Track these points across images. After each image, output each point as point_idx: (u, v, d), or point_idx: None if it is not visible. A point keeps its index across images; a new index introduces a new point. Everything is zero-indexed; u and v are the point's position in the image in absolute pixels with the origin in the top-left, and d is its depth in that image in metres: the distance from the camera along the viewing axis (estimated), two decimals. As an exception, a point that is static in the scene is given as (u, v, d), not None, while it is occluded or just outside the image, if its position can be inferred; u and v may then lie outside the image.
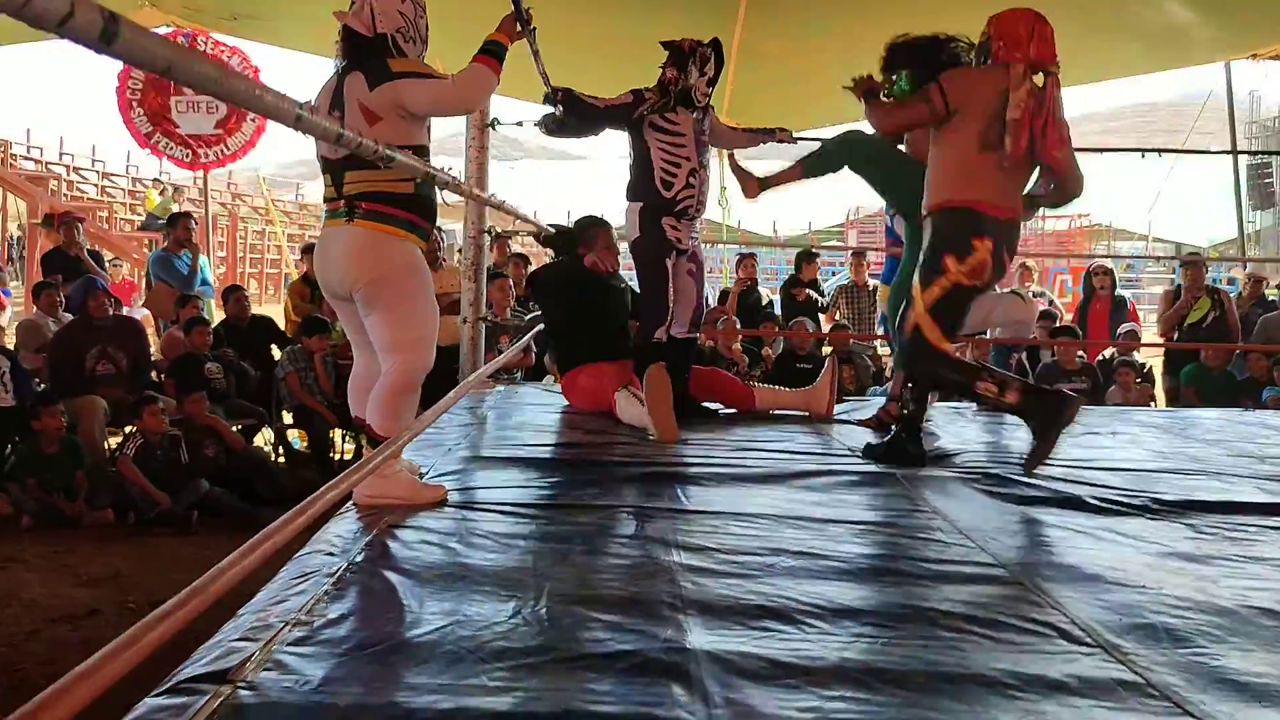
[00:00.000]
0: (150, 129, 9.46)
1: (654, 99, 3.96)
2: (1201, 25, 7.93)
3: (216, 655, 1.69)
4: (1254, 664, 1.82)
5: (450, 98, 2.73)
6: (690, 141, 4.01)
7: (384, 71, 2.69)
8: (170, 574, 4.37)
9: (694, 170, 4.01)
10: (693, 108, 4.02)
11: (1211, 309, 7.16)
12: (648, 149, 4.00)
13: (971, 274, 3.27)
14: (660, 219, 3.99)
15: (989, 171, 3.23)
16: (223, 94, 1.03)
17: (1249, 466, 3.63)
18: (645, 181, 4.02)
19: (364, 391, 2.87)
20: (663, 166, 3.98)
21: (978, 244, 3.24)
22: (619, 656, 1.75)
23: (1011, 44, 3.25)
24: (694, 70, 3.98)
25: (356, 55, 2.75)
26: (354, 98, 2.70)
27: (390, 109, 2.68)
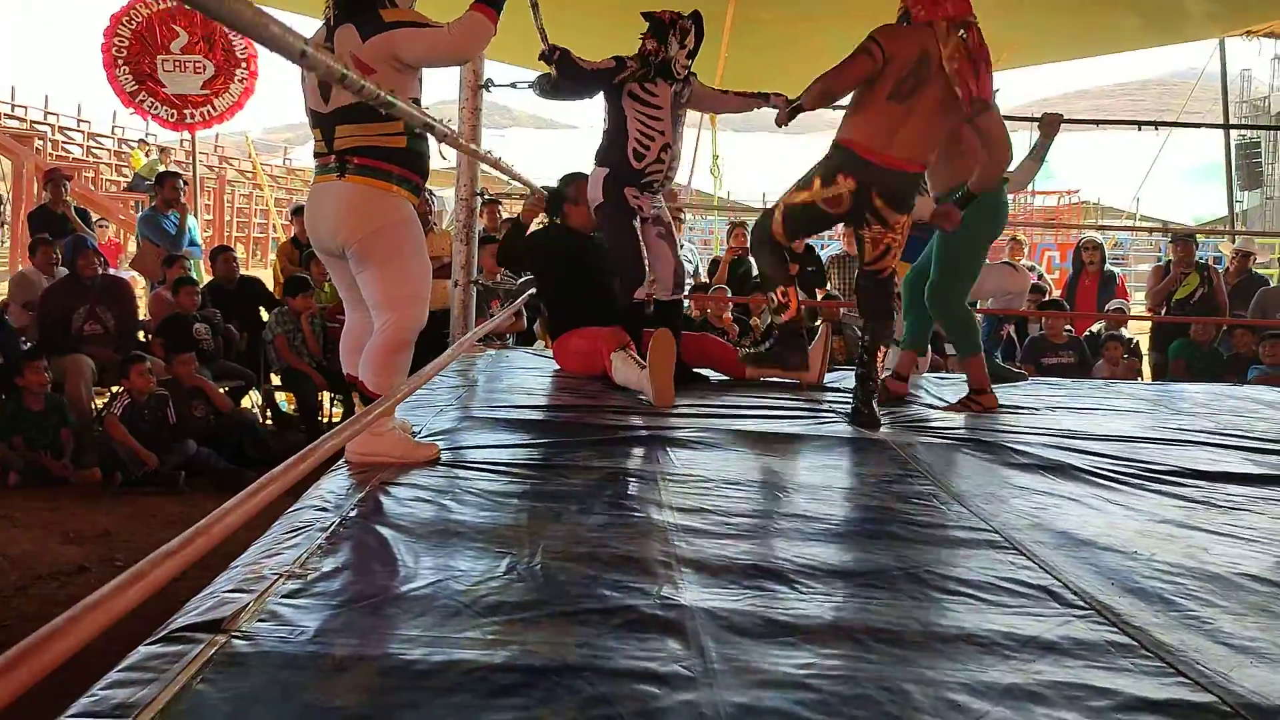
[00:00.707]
0: (136, 88, 9.31)
1: (635, 67, 3.97)
2: (1198, 0, 7.90)
3: (210, 605, 1.68)
4: (1245, 627, 1.83)
5: (446, 46, 2.67)
6: (667, 115, 4.06)
7: (377, 22, 2.64)
8: (159, 532, 4.36)
9: (666, 145, 4.08)
10: (672, 80, 4.03)
11: (1200, 285, 7.17)
12: (624, 118, 4.04)
13: (827, 202, 3.55)
14: (623, 187, 4.04)
15: (887, 118, 3.42)
16: (226, 18, 1.00)
17: (1238, 439, 3.64)
18: (618, 150, 4.07)
19: (356, 350, 2.85)
20: (637, 137, 4.03)
21: (841, 179, 3.49)
22: (614, 612, 1.75)
23: (929, 5, 3.42)
24: (674, 42, 4.00)
25: (349, 7, 2.69)
26: (346, 51, 2.65)
27: (384, 60, 2.63)
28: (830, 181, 3.51)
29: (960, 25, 3.40)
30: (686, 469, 2.81)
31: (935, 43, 3.38)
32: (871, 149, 3.43)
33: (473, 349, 4.90)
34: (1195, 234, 9.17)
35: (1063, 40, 9.37)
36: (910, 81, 3.37)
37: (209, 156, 20.72)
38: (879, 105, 3.41)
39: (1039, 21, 8.25)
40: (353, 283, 2.83)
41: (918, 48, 3.38)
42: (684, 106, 4.16)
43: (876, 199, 3.48)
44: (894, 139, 3.42)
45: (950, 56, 3.36)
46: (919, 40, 3.39)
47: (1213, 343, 6.93)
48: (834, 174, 3.50)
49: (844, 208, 3.54)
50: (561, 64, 3.94)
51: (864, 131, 3.46)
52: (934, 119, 3.45)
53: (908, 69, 3.37)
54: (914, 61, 3.37)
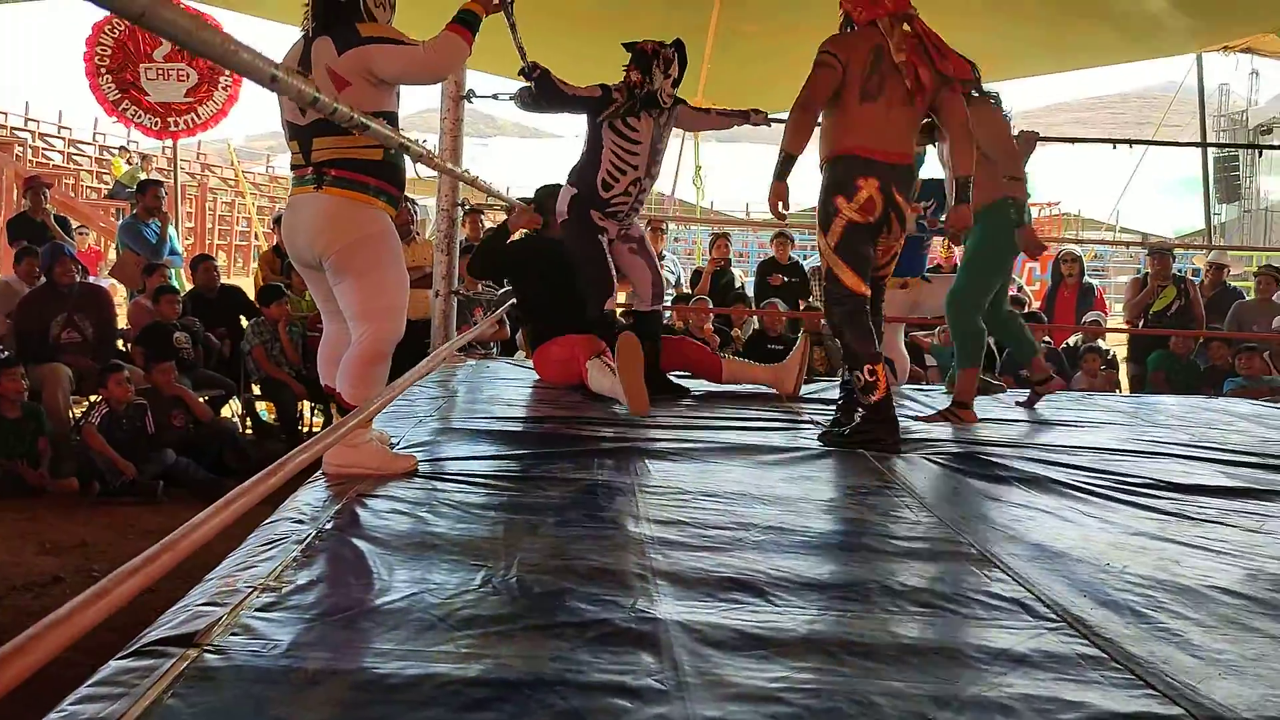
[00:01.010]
0: (118, 96, 9.27)
1: (620, 101, 4.01)
2: (1175, 15, 7.99)
3: (183, 619, 1.67)
4: (1215, 640, 1.85)
5: (420, 65, 2.68)
6: (644, 150, 4.11)
7: (353, 36, 2.65)
8: (136, 543, 4.33)
9: (636, 180, 4.14)
10: (656, 109, 4.06)
11: (1177, 298, 7.24)
12: (601, 146, 4.08)
13: (862, 210, 3.43)
14: (588, 210, 4.10)
15: (869, 119, 3.43)
16: (195, 46, 1.00)
17: (1212, 451, 3.68)
18: (589, 174, 4.14)
19: (333, 361, 2.85)
20: (609, 169, 4.09)
21: (862, 183, 3.42)
22: (589, 625, 1.75)
23: (867, 6, 3.47)
24: (658, 73, 4.04)
25: (326, 20, 2.70)
26: (322, 63, 2.66)
27: (359, 74, 2.64)
28: (853, 190, 3.44)
29: (902, 18, 3.45)
30: (664, 481, 2.82)
31: (883, 38, 3.43)
32: (872, 148, 3.44)
33: (453, 359, 4.90)
34: (1172, 247, 9.24)
35: (1042, 54, 9.45)
36: (875, 79, 3.41)
37: (190, 164, 20.65)
38: (855, 110, 3.43)
39: (1018, 35, 8.33)
40: (330, 294, 2.82)
41: (869, 46, 3.43)
42: (668, 135, 4.22)
43: (898, 195, 3.48)
44: (884, 135, 3.45)
45: (897, 48, 3.40)
46: (868, 39, 3.44)
47: (1191, 355, 6.99)
48: (852, 181, 3.44)
49: (877, 212, 3.46)
50: (541, 83, 3.98)
51: (855, 136, 3.45)
52: (906, 109, 3.48)
53: (867, 68, 3.41)
54: (870, 60, 3.42)
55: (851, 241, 3.47)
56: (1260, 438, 4.03)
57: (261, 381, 6.51)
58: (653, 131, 4.11)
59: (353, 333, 2.75)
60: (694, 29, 7.79)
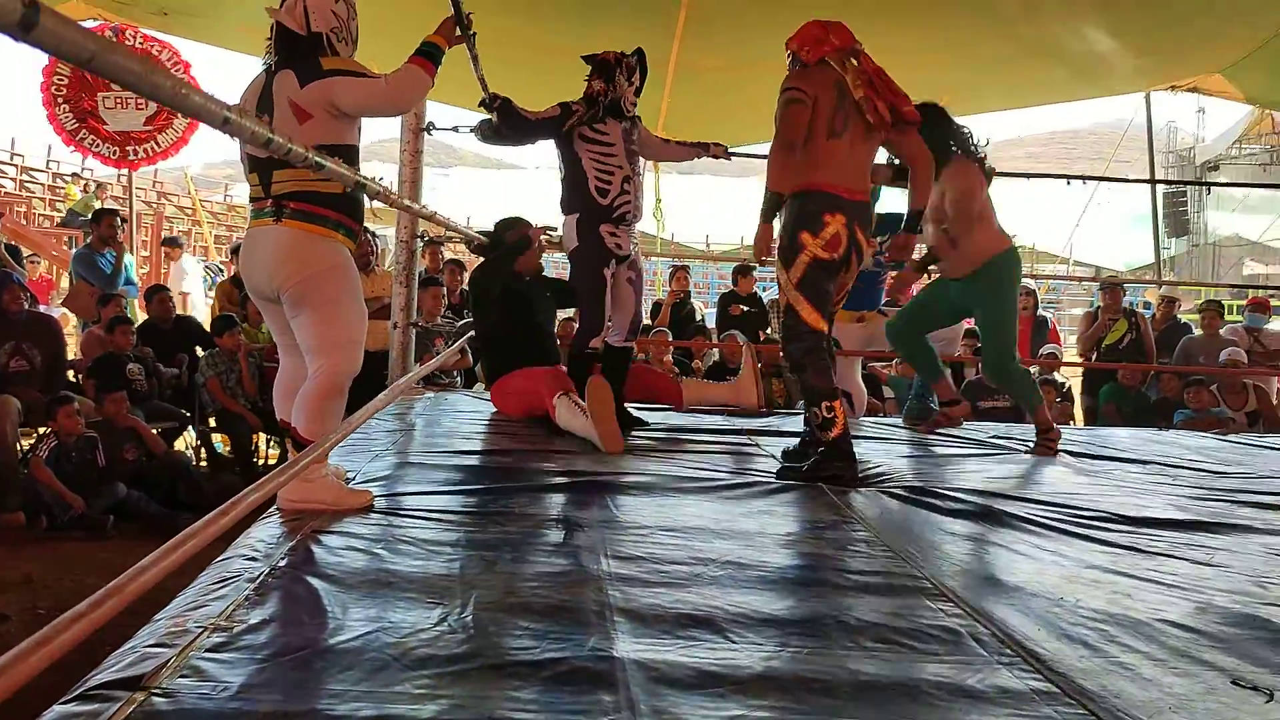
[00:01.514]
0: (76, 125, 9.16)
1: (582, 111, 4.00)
2: (1123, 55, 8.18)
3: (130, 661, 1.64)
4: (1165, 673, 1.87)
5: (382, 98, 2.70)
6: (620, 150, 4.06)
7: (315, 69, 2.66)
8: (84, 579, 4.24)
9: (628, 177, 4.07)
10: (621, 118, 4.06)
11: (1128, 331, 7.37)
12: (579, 160, 4.04)
13: (827, 247, 3.46)
14: (598, 226, 4.03)
15: (835, 156, 3.47)
16: (145, 91, 0.99)
17: (1163, 484, 3.73)
18: (580, 191, 4.05)
19: (289, 394, 2.82)
20: (597, 175, 4.02)
21: (829, 219, 3.45)
22: (545, 664, 1.74)
23: (814, 45, 3.53)
24: (622, 80, 4.04)
25: (288, 53, 2.72)
26: (284, 95, 2.67)
27: (321, 107, 2.64)
28: (820, 226, 3.45)
29: (849, 54, 3.50)
30: (624, 516, 2.81)
31: (841, 74, 3.47)
32: (837, 185, 3.47)
33: (412, 391, 4.87)
34: (1123, 282, 9.43)
35: (996, 91, 9.63)
36: (840, 116, 3.46)
37: (147, 192, 20.44)
38: (823, 146, 3.46)
39: (972, 73, 8.48)
40: (287, 327, 2.80)
41: (832, 83, 3.47)
42: (636, 144, 4.19)
43: (859, 232, 3.51)
44: (848, 172, 3.49)
45: (854, 85, 3.45)
46: (828, 77, 3.48)
47: (1141, 387, 7.10)
48: (819, 217, 3.45)
49: (841, 249, 3.48)
50: (503, 113, 3.96)
51: (823, 173, 3.47)
52: (865, 145, 3.54)
53: (833, 105, 3.45)
54: (835, 97, 3.46)
55: (814, 278, 3.49)
56: (1209, 470, 4.09)
57: (217, 413, 6.43)
58: (622, 135, 4.09)
59: (309, 366, 2.72)
60: (654, 64, 7.83)
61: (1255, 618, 2.20)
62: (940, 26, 7.25)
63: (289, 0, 2.75)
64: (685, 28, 7.34)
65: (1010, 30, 7.44)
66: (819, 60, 3.51)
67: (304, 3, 2.72)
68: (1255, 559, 2.75)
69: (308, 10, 2.72)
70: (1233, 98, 9.66)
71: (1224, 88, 9.11)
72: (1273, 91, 9.59)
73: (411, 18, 4.68)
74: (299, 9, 2.72)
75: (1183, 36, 8.00)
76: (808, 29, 3.60)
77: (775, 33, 7.33)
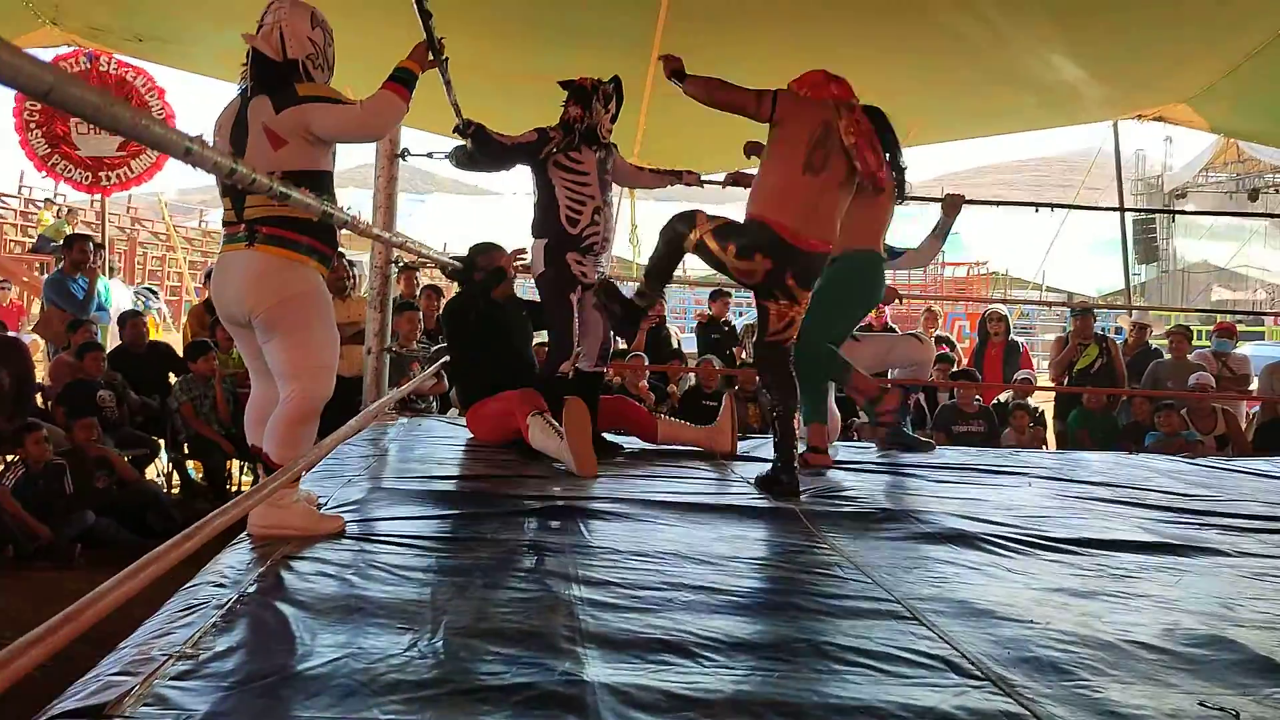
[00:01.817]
0: (48, 151, 9.12)
1: (559, 137, 4.02)
2: (1090, 84, 8.30)
3: (93, 690, 1.62)
4: (1133, 696, 1.88)
5: (357, 123, 2.71)
6: (594, 179, 4.09)
7: (290, 95, 2.66)
8: (48, 609, 4.16)
9: (598, 208, 4.10)
10: (597, 145, 4.09)
11: (1099, 355, 7.44)
12: (553, 186, 4.06)
13: (738, 271, 3.58)
14: (565, 254, 4.05)
15: (803, 196, 3.49)
16: (105, 123, 0.99)
17: (1132, 507, 3.76)
18: (551, 218, 4.08)
19: (261, 420, 2.80)
20: (568, 204, 4.04)
21: (759, 259, 3.51)
22: (515, 689, 1.73)
23: (812, 88, 3.60)
24: (598, 107, 4.06)
25: (264, 79, 2.72)
26: (258, 120, 2.67)
27: (295, 133, 2.65)
28: (747, 257, 3.52)
29: (845, 106, 3.55)
30: (596, 541, 2.81)
31: (834, 116, 3.49)
32: (795, 231, 3.48)
33: (386, 416, 4.85)
34: (1094, 307, 9.54)
35: (967, 119, 9.75)
36: (820, 153, 3.47)
37: (121, 217, 20.32)
38: (795, 179, 3.47)
39: (942, 100, 8.58)
40: (258, 352, 2.79)
41: (820, 119, 3.49)
42: (610, 173, 4.21)
43: (790, 279, 3.54)
44: (812, 217, 3.50)
45: (847, 130, 3.48)
46: (820, 112, 3.50)
47: (1109, 411, 7.17)
48: (752, 252, 3.51)
49: (755, 280, 3.59)
50: (477, 139, 3.98)
51: (785, 210, 3.49)
52: (841, 194, 3.56)
53: (816, 139, 3.46)
54: (820, 132, 3.47)
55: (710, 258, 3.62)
56: (1177, 493, 4.13)
57: (190, 440, 6.38)
58: (597, 162, 4.12)
59: (280, 391, 2.71)
60: (630, 90, 7.89)
61: (1222, 639, 2.21)
62: (910, 55, 7.34)
63: (265, 26, 2.76)
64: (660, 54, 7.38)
65: (979, 59, 7.55)
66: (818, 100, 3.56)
67: (280, 29, 2.73)
68: (1223, 581, 2.78)
69: (284, 37, 2.73)
70: (1198, 127, 9.82)
71: (1189, 117, 9.26)
72: (1236, 120, 9.77)
73: (383, 42, 4.70)
74: (275, 35, 2.73)
75: (1149, 66, 8.13)
76: (812, 74, 3.67)
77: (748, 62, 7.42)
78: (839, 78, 3.66)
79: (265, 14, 2.78)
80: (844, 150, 3.49)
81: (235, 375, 6.44)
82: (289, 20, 2.74)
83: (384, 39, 4.60)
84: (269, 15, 2.77)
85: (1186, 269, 26.32)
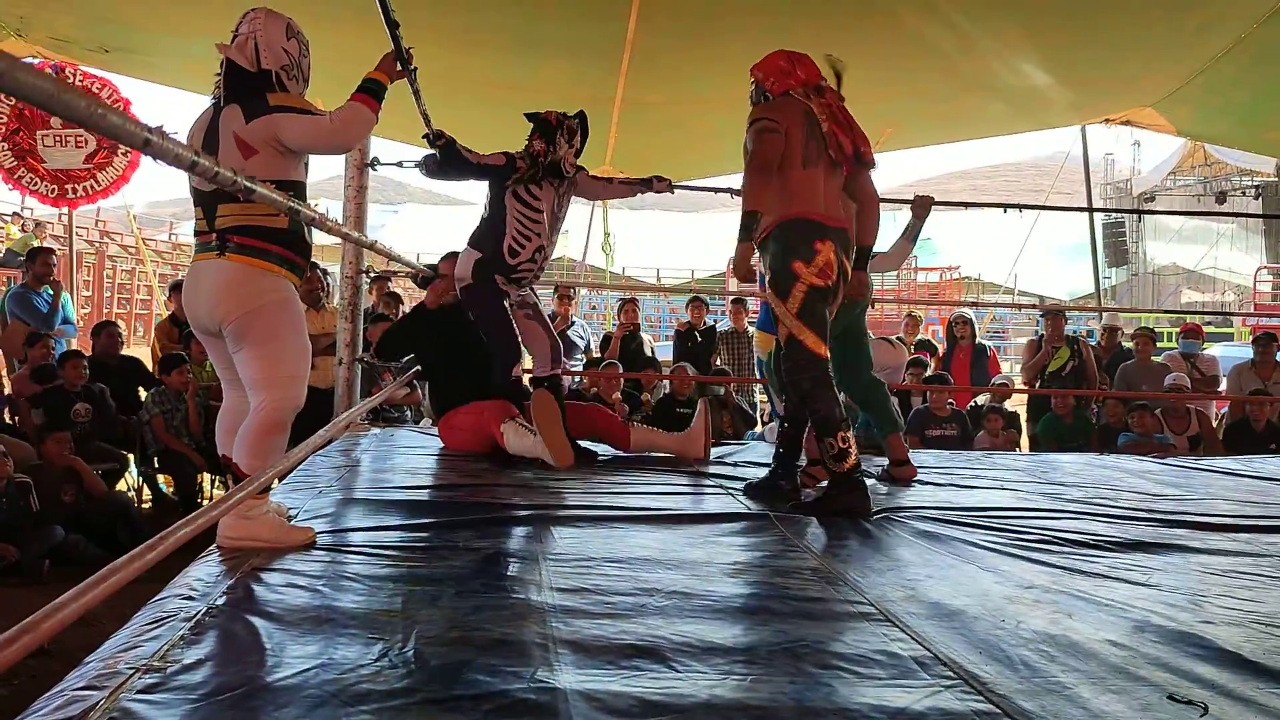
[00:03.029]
0: (14, 164, 9.03)
1: (524, 169, 4.05)
2: (1057, 89, 8.38)
3: (57, 705, 1.60)
4: (1103, 692, 1.89)
5: (327, 134, 2.69)
6: (545, 219, 4.15)
7: (261, 105, 2.66)
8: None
9: (541, 248, 4.16)
10: (559, 179, 4.11)
11: (1071, 358, 7.50)
12: (504, 213, 4.10)
13: (821, 274, 3.43)
14: (493, 274, 4.11)
15: (812, 185, 3.45)
16: (59, 110, 0.98)
17: (1104, 506, 3.79)
18: (493, 241, 4.13)
19: (232, 429, 2.79)
20: (514, 236, 4.10)
21: (820, 246, 3.42)
22: (486, 698, 1.72)
23: (780, 76, 3.52)
24: (562, 142, 4.09)
25: (237, 89, 2.70)
26: (229, 130, 2.66)
27: (265, 143, 2.64)
28: (812, 254, 3.42)
29: (813, 89, 3.51)
30: (568, 548, 2.80)
31: (808, 104, 3.47)
32: (821, 213, 3.45)
33: (357, 427, 4.82)
34: (1066, 309, 9.63)
35: (935, 125, 9.82)
36: (812, 146, 3.45)
37: (89, 230, 20.13)
38: (799, 175, 3.44)
39: (913, 107, 8.64)
40: (230, 362, 2.77)
41: (801, 113, 3.46)
42: (567, 203, 4.26)
43: (845, 260, 3.50)
44: (827, 201, 3.47)
45: (822, 118, 3.45)
46: (797, 107, 3.48)
47: (1083, 412, 7.22)
48: (810, 245, 3.42)
49: (833, 275, 3.46)
50: (445, 152, 4.00)
51: (802, 202, 3.44)
52: (834, 177, 3.52)
53: (804, 135, 3.44)
54: (805, 127, 3.44)
55: (812, 305, 3.44)
56: (1148, 493, 4.16)
57: (160, 454, 6.32)
58: (553, 200, 4.16)
59: (251, 401, 2.70)
60: (601, 100, 7.92)
61: (1191, 634, 2.23)
62: (879, 61, 7.39)
63: (240, 37, 2.74)
64: (630, 64, 7.41)
65: (948, 65, 7.60)
66: (783, 93, 3.51)
67: (255, 39, 2.72)
68: (1191, 578, 2.80)
69: (258, 47, 2.72)
70: (1165, 130, 9.92)
71: (1156, 121, 9.36)
72: (1202, 124, 9.89)
73: (351, 52, 4.68)
74: (249, 46, 2.72)
75: (1115, 71, 8.22)
76: (773, 59, 3.58)
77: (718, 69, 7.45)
78: (801, 57, 3.57)
79: (240, 24, 2.77)
80: (821, 138, 3.46)
81: (208, 388, 6.39)
82: (264, 31, 2.73)
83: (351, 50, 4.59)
84: (244, 25, 2.76)
85: (1156, 272, 26.63)
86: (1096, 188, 13.72)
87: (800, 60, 3.56)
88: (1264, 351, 7.54)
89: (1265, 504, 4.02)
